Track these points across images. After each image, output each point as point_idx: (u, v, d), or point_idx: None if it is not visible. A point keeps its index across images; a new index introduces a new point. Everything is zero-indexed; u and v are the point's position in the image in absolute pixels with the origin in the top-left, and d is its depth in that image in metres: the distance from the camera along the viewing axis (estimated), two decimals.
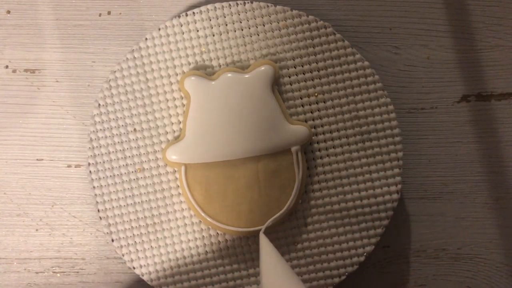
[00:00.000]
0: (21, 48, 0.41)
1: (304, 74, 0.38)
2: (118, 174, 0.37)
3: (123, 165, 0.37)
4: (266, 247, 0.32)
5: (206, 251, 0.37)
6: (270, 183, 0.36)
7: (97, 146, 0.38)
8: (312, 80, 0.38)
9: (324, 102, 0.38)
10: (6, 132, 0.40)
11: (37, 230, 0.40)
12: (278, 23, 0.38)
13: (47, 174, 0.40)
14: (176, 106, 0.38)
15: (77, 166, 0.40)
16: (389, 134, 0.37)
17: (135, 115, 0.38)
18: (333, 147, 0.37)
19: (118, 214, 0.37)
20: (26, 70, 0.41)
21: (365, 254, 0.37)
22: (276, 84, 0.37)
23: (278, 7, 0.38)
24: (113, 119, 0.38)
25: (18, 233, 0.40)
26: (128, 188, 0.37)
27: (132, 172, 0.37)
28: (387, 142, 0.37)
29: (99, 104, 0.38)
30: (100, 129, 0.38)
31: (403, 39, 0.41)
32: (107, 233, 0.37)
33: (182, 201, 0.37)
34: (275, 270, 0.30)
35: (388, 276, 0.40)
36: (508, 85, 0.41)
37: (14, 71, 0.41)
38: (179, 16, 0.38)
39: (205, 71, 0.38)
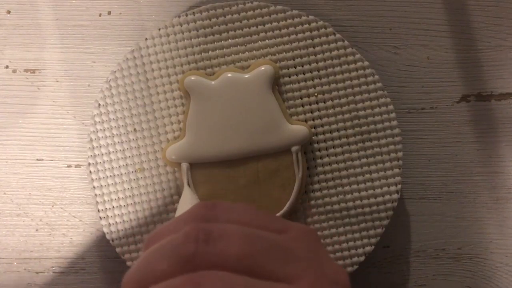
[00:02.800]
0: (21, 48, 0.41)
1: (304, 74, 0.38)
2: (118, 174, 0.37)
3: (123, 165, 0.37)
4: (185, 191, 0.33)
5: None
6: (270, 183, 0.36)
7: (97, 146, 0.38)
8: (312, 80, 0.38)
9: (324, 102, 0.38)
10: (6, 132, 0.40)
11: (37, 230, 0.40)
12: (278, 23, 0.38)
13: (47, 174, 0.40)
14: (176, 106, 0.38)
15: (77, 166, 0.40)
16: (389, 134, 0.37)
17: (135, 115, 0.38)
18: (333, 147, 0.37)
19: (118, 214, 0.37)
20: (26, 70, 0.41)
21: (365, 254, 0.37)
22: (276, 84, 0.37)
23: (278, 7, 0.38)
24: (113, 119, 0.38)
25: (18, 233, 0.40)
26: (128, 188, 0.37)
27: (132, 172, 0.37)
28: (387, 142, 0.37)
29: (99, 104, 0.38)
30: (100, 129, 0.38)
31: (403, 39, 0.41)
32: (107, 233, 0.37)
33: None
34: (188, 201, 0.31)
35: (388, 276, 0.40)
36: (508, 85, 0.41)
37: (14, 71, 0.41)
38: (179, 16, 0.38)
39: (205, 71, 0.38)
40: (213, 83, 0.37)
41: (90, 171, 0.37)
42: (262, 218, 0.21)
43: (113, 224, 0.37)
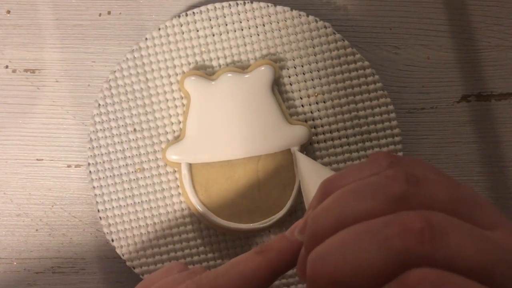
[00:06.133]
0: (21, 48, 0.41)
1: (304, 74, 0.38)
2: (118, 174, 0.37)
3: (123, 165, 0.37)
4: (301, 158, 0.31)
5: (206, 251, 0.37)
6: (270, 183, 0.36)
7: (97, 146, 0.38)
8: (312, 80, 0.38)
9: (324, 102, 0.38)
10: (6, 132, 0.40)
11: (37, 230, 0.40)
12: (278, 23, 0.38)
13: (47, 174, 0.40)
14: (176, 106, 0.38)
15: (77, 166, 0.40)
16: (389, 134, 0.37)
17: (135, 115, 0.38)
18: (333, 147, 0.37)
19: (118, 214, 0.37)
20: (26, 70, 0.41)
21: None
22: (276, 84, 0.37)
23: (278, 7, 0.38)
24: (113, 119, 0.38)
25: (18, 233, 0.40)
26: (128, 188, 0.37)
27: (132, 172, 0.37)
28: (387, 142, 0.37)
29: (99, 104, 0.38)
30: (100, 129, 0.38)
31: (403, 39, 0.41)
32: (107, 233, 0.37)
33: (182, 201, 0.37)
34: (313, 173, 0.29)
35: None
36: (508, 85, 0.41)
37: (14, 71, 0.41)
38: (179, 16, 0.38)
39: (205, 71, 0.38)
40: (213, 83, 0.37)
41: (90, 171, 0.37)
42: (439, 171, 0.20)
43: (113, 224, 0.37)
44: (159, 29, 0.38)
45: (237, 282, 0.22)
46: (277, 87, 0.37)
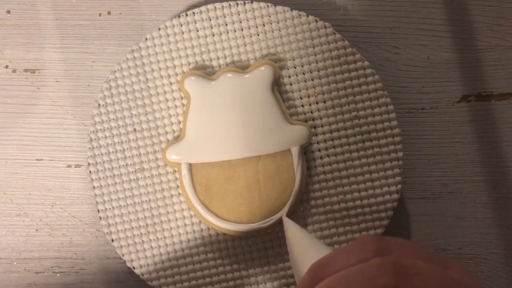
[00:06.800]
0: (21, 48, 0.41)
1: (304, 74, 0.38)
2: (118, 174, 0.37)
3: (123, 165, 0.37)
4: (290, 227, 0.32)
5: (206, 251, 0.37)
6: (270, 183, 0.36)
7: (97, 146, 0.38)
8: (312, 80, 0.38)
9: (324, 102, 0.38)
10: (6, 132, 0.40)
11: (37, 230, 0.40)
12: (278, 23, 0.38)
13: (47, 174, 0.40)
14: (176, 106, 0.38)
15: (77, 166, 0.40)
16: (389, 134, 0.37)
17: (135, 115, 0.38)
18: (333, 147, 0.37)
19: (118, 214, 0.37)
20: (26, 70, 0.41)
21: None
22: (276, 84, 0.37)
23: (278, 7, 0.38)
24: (113, 119, 0.38)
25: (18, 233, 0.40)
26: (128, 188, 0.37)
27: (132, 172, 0.37)
28: (387, 142, 0.37)
29: (99, 104, 0.38)
30: (100, 129, 0.38)
31: (403, 39, 0.41)
32: (107, 233, 0.37)
33: (182, 201, 0.37)
34: (302, 245, 0.30)
35: None
36: (508, 85, 0.41)
37: (14, 71, 0.41)
38: (179, 16, 0.38)
39: (205, 71, 0.38)
40: (213, 83, 0.37)
41: (90, 171, 0.37)
42: (428, 253, 0.21)
43: (113, 224, 0.37)
44: (159, 29, 0.38)
45: None
46: (277, 87, 0.37)
